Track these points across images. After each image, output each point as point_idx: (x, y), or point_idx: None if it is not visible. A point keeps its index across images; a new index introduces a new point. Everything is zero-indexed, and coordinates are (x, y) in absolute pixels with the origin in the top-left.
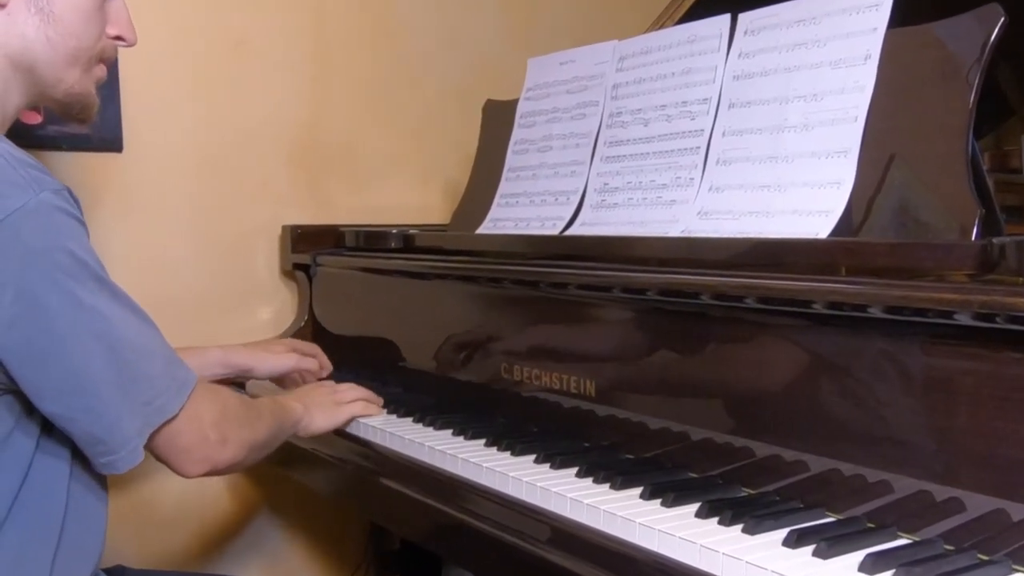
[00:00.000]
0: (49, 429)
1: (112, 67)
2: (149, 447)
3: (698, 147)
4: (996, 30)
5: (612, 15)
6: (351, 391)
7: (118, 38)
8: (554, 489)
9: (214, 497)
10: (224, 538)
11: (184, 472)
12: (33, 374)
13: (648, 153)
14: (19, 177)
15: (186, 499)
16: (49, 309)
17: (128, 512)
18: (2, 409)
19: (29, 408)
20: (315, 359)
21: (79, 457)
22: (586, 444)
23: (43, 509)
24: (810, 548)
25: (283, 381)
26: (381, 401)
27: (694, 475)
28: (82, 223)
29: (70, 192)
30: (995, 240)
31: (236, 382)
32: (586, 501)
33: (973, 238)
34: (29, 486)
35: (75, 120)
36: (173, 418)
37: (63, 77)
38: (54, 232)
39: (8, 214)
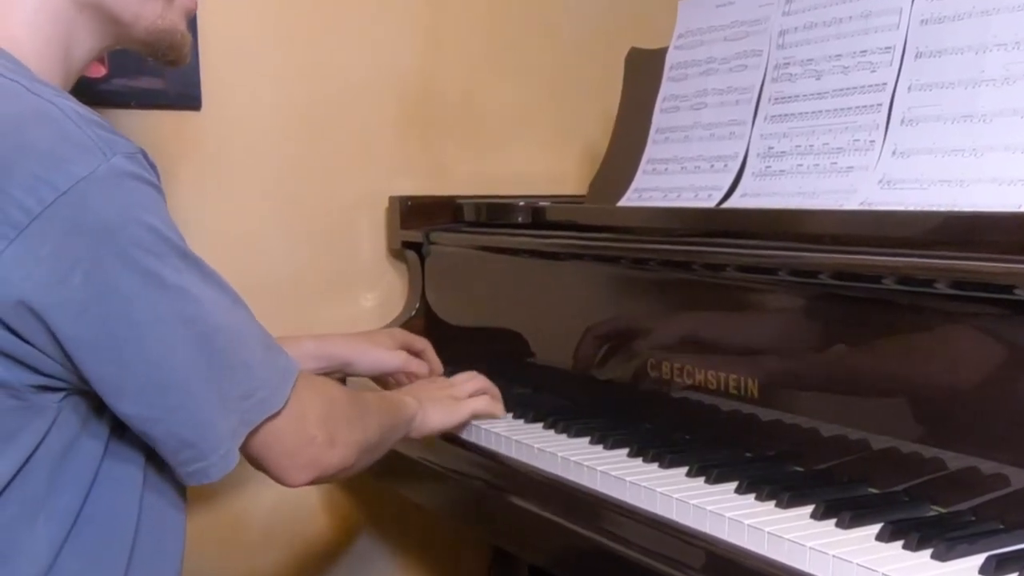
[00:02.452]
0: (120, 430)
1: None
2: (244, 451)
3: (880, 104)
4: None
5: None
6: (470, 382)
7: None
8: (710, 507)
9: (309, 514)
10: (320, 562)
11: (286, 480)
12: (109, 369)
13: (821, 111)
14: (87, 139)
15: (277, 516)
16: (126, 291)
17: (208, 530)
18: (67, 412)
19: (98, 407)
20: (424, 359)
21: (154, 461)
22: (747, 454)
23: (111, 526)
24: None
25: (384, 382)
26: (500, 397)
27: (874, 491)
28: (160, 191)
29: (145, 155)
30: None
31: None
32: (747, 522)
33: None
34: (95, 498)
35: (166, 63)
36: (275, 415)
37: (140, 12)
38: (129, 202)
39: (75, 182)
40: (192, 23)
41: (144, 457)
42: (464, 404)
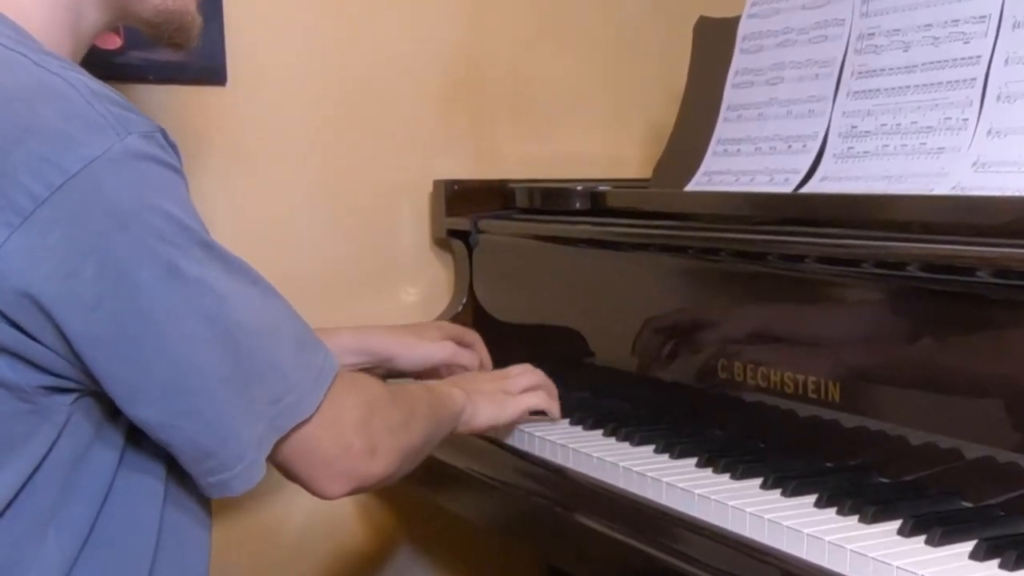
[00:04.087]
0: (137, 438)
1: None
2: (274, 460)
3: (973, 79)
4: None
5: None
6: (524, 376)
7: None
8: (786, 523)
9: (346, 526)
10: None
11: (322, 491)
12: (122, 370)
13: (908, 87)
14: (99, 116)
15: (311, 528)
16: (143, 285)
17: (236, 541)
18: (79, 416)
19: (112, 412)
20: (474, 352)
21: (175, 473)
22: (828, 464)
23: (128, 542)
24: None
25: (430, 378)
26: (557, 395)
27: (968, 504)
28: (181, 174)
29: (165, 134)
30: None
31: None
32: (828, 538)
33: None
34: (110, 513)
35: (170, 45)
36: (307, 420)
37: None
38: (146, 186)
39: (85, 164)
40: None
41: (165, 469)
42: (517, 399)
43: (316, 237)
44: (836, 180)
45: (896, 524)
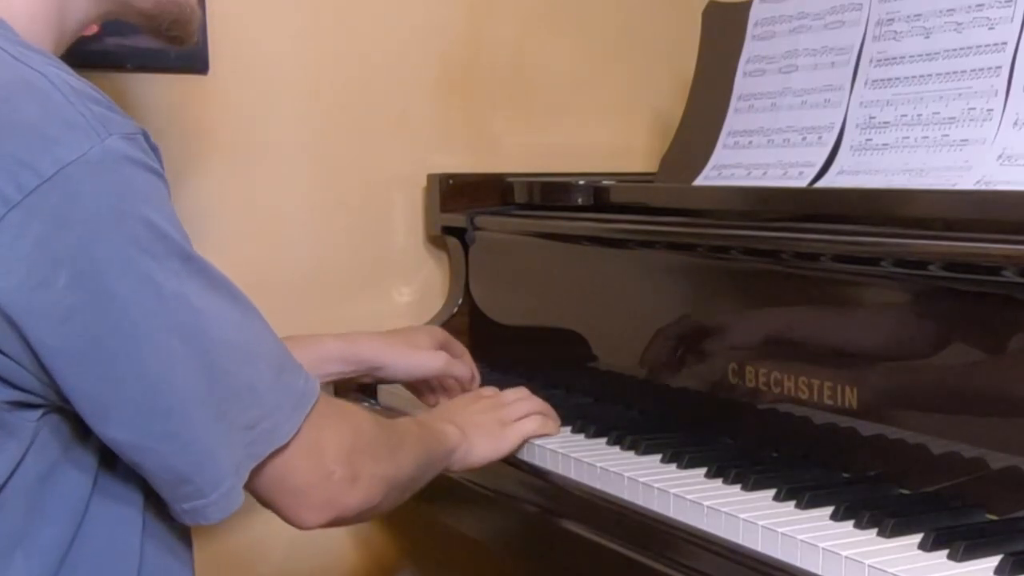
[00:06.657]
0: (111, 461)
1: None
2: (250, 487)
3: (999, 67)
4: None
5: None
6: (521, 403)
7: None
8: (801, 536)
9: (336, 549)
10: None
11: (298, 521)
12: (93, 387)
13: (930, 75)
14: (78, 116)
15: (297, 552)
16: (119, 297)
17: (214, 568)
18: (46, 434)
19: (82, 430)
20: (465, 364)
21: (154, 500)
22: (845, 475)
23: (105, 574)
24: None
25: (420, 389)
26: (556, 417)
27: (992, 517)
28: (163, 179)
29: (147, 136)
30: None
31: (362, 385)
32: (845, 553)
33: None
34: (83, 543)
35: (169, 40)
36: (285, 446)
37: None
38: (125, 191)
39: (62, 166)
40: None
41: (142, 497)
42: (515, 428)
43: (303, 234)
44: (853, 174)
45: (917, 538)
